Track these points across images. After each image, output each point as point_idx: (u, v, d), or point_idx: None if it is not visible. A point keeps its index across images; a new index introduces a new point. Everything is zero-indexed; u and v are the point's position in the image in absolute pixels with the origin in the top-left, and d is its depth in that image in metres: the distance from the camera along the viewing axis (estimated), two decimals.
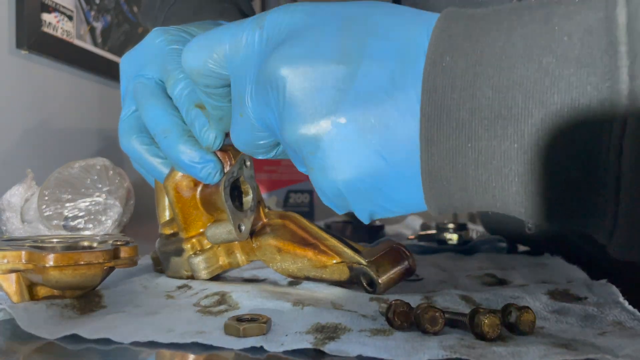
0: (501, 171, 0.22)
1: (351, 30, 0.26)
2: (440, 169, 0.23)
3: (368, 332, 0.27)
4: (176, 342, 0.26)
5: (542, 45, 0.21)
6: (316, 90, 0.25)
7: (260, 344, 0.25)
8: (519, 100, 0.21)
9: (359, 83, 0.25)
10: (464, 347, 0.24)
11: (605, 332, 0.26)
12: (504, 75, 0.22)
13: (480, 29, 0.23)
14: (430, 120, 0.23)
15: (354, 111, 0.25)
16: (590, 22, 0.20)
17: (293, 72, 0.26)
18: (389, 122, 0.24)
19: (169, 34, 0.39)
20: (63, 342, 0.26)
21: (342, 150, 0.25)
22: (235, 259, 0.41)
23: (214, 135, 0.35)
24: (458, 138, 0.23)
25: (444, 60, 0.23)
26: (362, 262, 0.35)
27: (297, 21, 0.27)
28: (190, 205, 0.40)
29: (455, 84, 0.22)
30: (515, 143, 0.21)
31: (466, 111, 0.22)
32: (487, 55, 0.22)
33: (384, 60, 0.24)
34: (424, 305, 0.27)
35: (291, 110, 0.26)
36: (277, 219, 0.40)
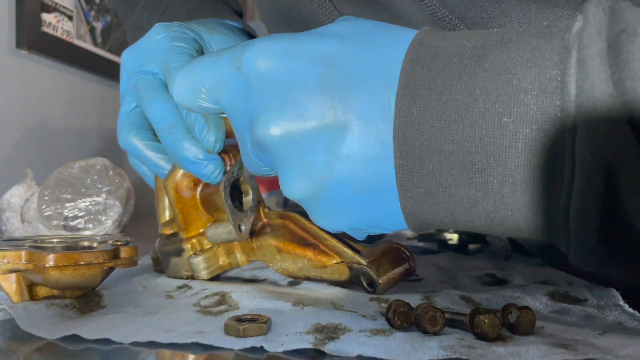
0: (470, 210, 0.24)
1: (333, 82, 0.25)
2: (417, 209, 0.25)
3: (368, 332, 0.27)
4: (176, 342, 0.25)
5: (501, 103, 0.22)
6: (308, 154, 0.26)
7: (260, 344, 0.25)
8: (481, 156, 0.23)
9: (347, 144, 0.25)
10: (464, 347, 0.24)
11: (605, 333, 0.26)
12: (466, 131, 0.23)
13: (444, 78, 0.23)
14: (403, 171, 0.24)
15: (347, 171, 0.25)
16: (544, 80, 0.21)
17: (283, 138, 0.26)
18: (380, 177, 0.25)
19: (171, 30, 0.39)
20: (63, 342, 0.26)
21: (341, 204, 0.27)
22: (235, 259, 0.41)
23: (213, 139, 0.35)
24: (430, 185, 0.24)
25: (412, 113, 0.24)
26: (362, 262, 0.35)
27: (277, 67, 0.26)
28: (190, 205, 0.40)
29: (424, 138, 0.24)
30: (480, 192, 0.23)
31: (435, 162, 0.24)
32: (450, 110, 0.23)
33: (369, 119, 0.25)
34: (424, 305, 0.27)
35: (286, 173, 0.27)
36: (277, 219, 0.40)
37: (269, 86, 0.27)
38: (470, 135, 0.23)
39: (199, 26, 0.41)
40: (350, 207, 0.27)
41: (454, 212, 0.25)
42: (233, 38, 0.43)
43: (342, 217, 0.27)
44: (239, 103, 0.28)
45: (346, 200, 0.26)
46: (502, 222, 0.24)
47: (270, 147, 0.26)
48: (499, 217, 0.24)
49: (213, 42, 0.41)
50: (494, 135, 0.22)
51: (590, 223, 0.21)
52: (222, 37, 0.42)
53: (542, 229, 0.23)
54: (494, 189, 0.23)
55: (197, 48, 0.39)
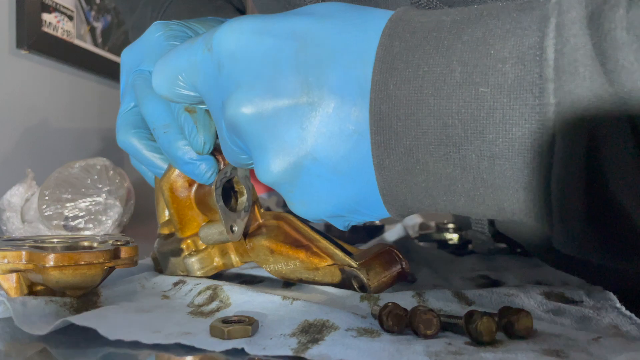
0: (449, 188, 0.23)
1: (308, 57, 0.25)
2: (394, 187, 0.24)
3: (354, 331, 0.26)
4: (160, 342, 0.25)
5: (478, 73, 0.21)
6: (282, 131, 0.25)
7: (242, 346, 0.25)
8: (458, 130, 0.22)
9: (323, 121, 0.24)
10: (451, 353, 0.23)
11: (599, 337, 0.26)
12: (443, 104, 0.22)
13: (422, 51, 0.23)
14: (380, 147, 0.24)
15: (323, 149, 0.25)
16: (523, 49, 0.21)
17: (256, 116, 0.25)
18: (357, 155, 0.24)
19: (168, 28, 0.38)
20: (62, 346, 0.26)
21: (320, 186, 0.26)
22: (230, 260, 0.41)
23: (202, 141, 0.34)
24: (407, 162, 0.23)
25: (388, 87, 0.23)
26: (352, 265, 0.35)
27: (248, 44, 0.26)
28: (185, 205, 0.40)
29: (400, 112, 0.23)
30: (457, 168, 0.23)
31: (412, 138, 0.23)
32: (427, 83, 0.22)
33: (345, 94, 0.24)
34: (420, 308, 0.27)
35: (260, 154, 0.26)
36: (272, 220, 0.40)
37: (239, 64, 0.26)
38: (447, 108, 0.22)
39: (198, 24, 0.41)
40: (328, 189, 0.26)
41: (432, 192, 0.24)
42: None
43: (320, 201, 0.26)
44: (212, 85, 0.28)
45: (323, 180, 0.25)
46: (483, 200, 0.23)
47: (243, 126, 0.26)
48: (479, 195, 0.23)
49: None
50: (471, 107, 0.21)
51: (573, 197, 0.20)
52: None
53: (524, 206, 0.22)
54: (472, 165, 0.22)
55: None
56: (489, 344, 0.24)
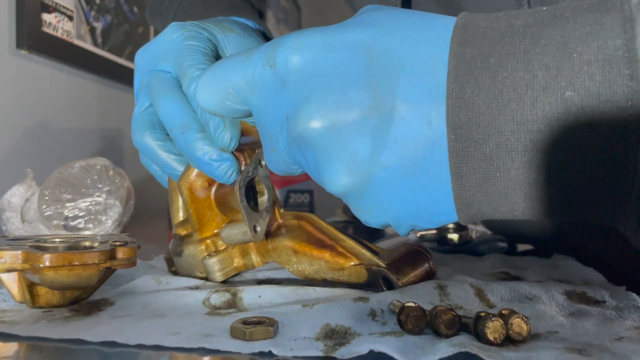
0: (530, 195, 0.23)
1: (377, 68, 0.25)
2: (472, 196, 0.24)
3: (378, 334, 0.26)
4: (182, 346, 0.25)
5: (563, 76, 0.21)
6: (353, 142, 0.25)
7: (269, 348, 0.24)
8: (544, 134, 0.22)
9: (395, 129, 0.24)
10: (476, 347, 0.23)
11: (622, 337, 0.26)
12: (527, 109, 0.22)
13: (498, 56, 0.23)
14: (458, 156, 0.23)
15: (395, 157, 0.25)
16: (608, 51, 0.21)
17: (326, 129, 0.25)
18: (429, 163, 0.24)
19: (185, 29, 0.38)
20: (65, 343, 0.26)
21: (388, 194, 0.26)
22: (250, 261, 0.40)
23: (229, 137, 0.34)
24: (487, 169, 0.23)
25: (465, 94, 0.23)
26: (381, 265, 0.35)
27: (315, 60, 0.26)
28: (204, 205, 0.40)
29: (480, 120, 0.23)
30: (542, 174, 0.22)
31: (492, 145, 0.23)
32: (507, 88, 0.22)
33: (418, 102, 0.24)
34: (440, 308, 0.27)
35: (331, 166, 0.26)
36: (293, 220, 0.40)
37: (308, 79, 0.26)
38: (532, 113, 0.22)
39: (213, 25, 0.41)
40: (397, 197, 0.26)
41: (511, 199, 0.24)
42: (247, 38, 0.42)
43: (389, 209, 0.26)
44: (272, 101, 0.27)
45: (393, 189, 0.25)
46: (568, 205, 0.23)
47: (312, 140, 0.25)
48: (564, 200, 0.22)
49: (227, 42, 0.41)
50: (557, 111, 0.21)
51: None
52: (236, 36, 0.41)
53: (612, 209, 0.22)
54: (558, 171, 0.22)
55: (211, 48, 0.39)
56: (501, 345, 0.24)
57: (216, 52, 0.39)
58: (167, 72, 0.38)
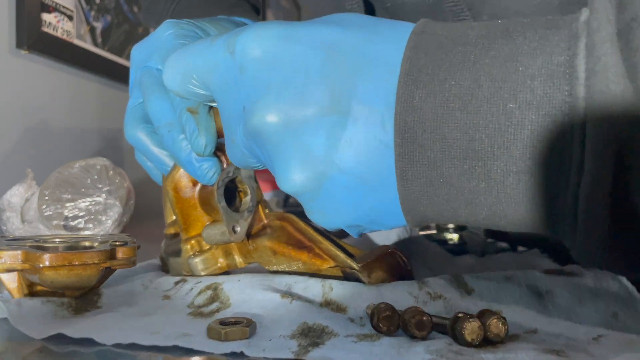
0: (471, 202, 0.24)
1: (336, 66, 0.25)
2: (416, 200, 0.24)
3: (354, 337, 0.26)
4: (157, 344, 0.25)
5: (507, 88, 0.22)
6: (308, 140, 0.25)
7: (241, 349, 0.24)
8: (485, 144, 0.22)
9: (350, 130, 0.24)
10: (452, 352, 0.23)
11: (600, 336, 0.26)
12: (470, 118, 0.22)
13: (449, 64, 0.23)
14: (403, 159, 0.24)
15: (349, 159, 0.25)
16: (551, 66, 0.21)
17: (282, 125, 0.25)
18: (381, 166, 0.24)
19: (179, 27, 0.39)
20: (60, 345, 0.26)
21: (341, 197, 0.26)
22: (233, 261, 0.41)
23: (203, 142, 0.34)
24: (431, 174, 0.23)
25: (414, 98, 0.23)
26: (354, 267, 0.35)
27: (274, 50, 0.25)
28: (189, 205, 0.40)
29: (426, 125, 0.23)
30: (482, 182, 0.23)
31: (437, 151, 0.23)
32: (454, 96, 0.23)
33: (373, 104, 0.24)
34: (411, 309, 0.26)
35: (285, 162, 0.26)
36: (276, 221, 0.40)
37: (265, 70, 0.25)
38: (475, 122, 0.22)
39: (209, 24, 0.41)
40: (350, 199, 0.26)
41: (454, 204, 0.24)
42: None
43: (341, 211, 0.26)
44: (230, 89, 0.27)
45: (346, 191, 0.25)
46: (505, 214, 0.23)
47: (267, 134, 0.25)
48: (502, 209, 0.23)
49: None
50: (498, 122, 0.22)
51: (599, 211, 0.21)
52: None
53: (546, 221, 0.23)
54: (497, 179, 0.22)
55: None
56: (480, 346, 0.24)
57: None
58: (157, 68, 0.38)
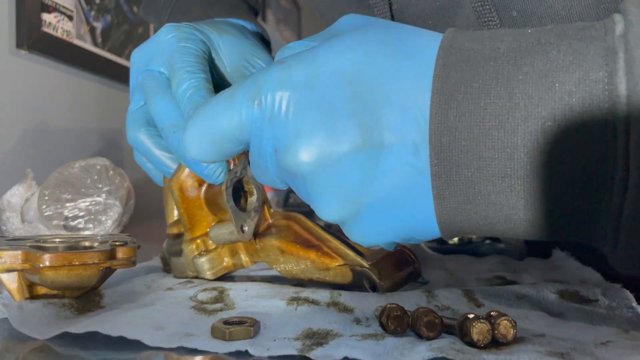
0: (510, 218, 0.24)
1: (363, 101, 0.25)
2: (453, 217, 0.25)
3: (359, 336, 0.26)
4: (162, 346, 0.25)
5: (544, 106, 0.21)
6: (343, 176, 0.25)
7: (246, 347, 0.24)
8: (524, 163, 0.22)
9: (384, 162, 0.25)
10: (454, 350, 0.23)
11: (608, 342, 0.25)
12: (508, 137, 0.22)
13: (482, 82, 0.23)
14: (440, 179, 0.24)
15: (384, 188, 0.25)
16: (589, 83, 0.21)
17: (316, 165, 0.25)
18: (416, 189, 0.25)
19: (180, 30, 0.39)
20: (60, 344, 0.26)
21: (378, 221, 0.26)
22: (240, 260, 0.41)
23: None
24: (468, 193, 0.24)
25: (448, 119, 0.23)
26: (364, 265, 0.35)
27: (300, 95, 0.26)
28: (195, 205, 0.40)
29: (462, 145, 0.23)
30: (522, 199, 0.23)
31: (474, 169, 0.23)
32: (489, 115, 0.22)
33: (404, 132, 0.24)
34: (421, 310, 0.26)
35: (321, 197, 0.26)
36: (282, 220, 0.40)
37: (294, 115, 0.26)
38: (512, 141, 0.22)
39: (209, 27, 0.41)
40: (387, 222, 0.26)
41: (492, 220, 0.24)
42: (242, 40, 0.43)
43: (380, 233, 0.27)
44: (259, 135, 0.27)
45: (383, 216, 0.26)
46: (549, 227, 0.23)
47: (302, 174, 0.26)
48: (544, 223, 0.23)
49: (222, 43, 0.41)
50: (537, 141, 0.21)
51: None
52: (231, 38, 0.42)
53: (587, 233, 0.23)
54: (538, 196, 0.22)
55: (203, 50, 0.39)
56: (485, 348, 0.24)
57: (209, 54, 0.40)
58: (160, 71, 0.39)
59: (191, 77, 0.36)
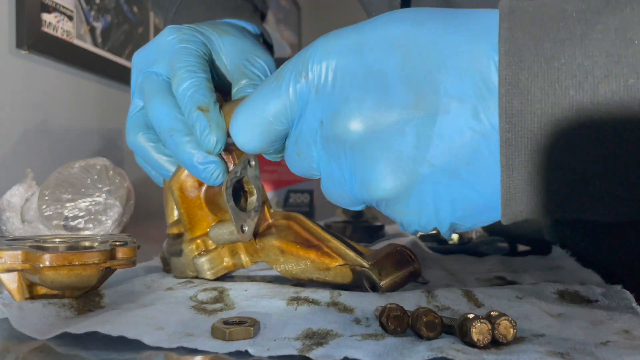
0: (584, 191, 0.22)
1: (415, 64, 0.24)
2: (521, 191, 0.23)
3: (359, 336, 0.26)
4: (162, 346, 0.25)
5: (625, 63, 0.20)
6: (396, 142, 0.24)
7: (246, 347, 0.24)
8: (607, 125, 0.21)
9: (440, 124, 0.23)
10: (454, 349, 0.23)
11: (608, 342, 0.25)
12: (587, 97, 0.21)
13: (552, 40, 0.21)
14: (510, 147, 0.22)
15: (441, 154, 0.24)
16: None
17: (367, 131, 0.24)
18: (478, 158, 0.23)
19: (181, 32, 0.39)
20: (60, 344, 0.26)
21: (434, 193, 0.25)
22: (240, 260, 0.41)
23: (214, 140, 0.34)
24: (541, 162, 0.22)
25: (519, 80, 0.22)
26: (364, 265, 0.35)
27: (347, 63, 0.25)
28: (195, 205, 0.40)
29: (535, 107, 0.21)
30: (599, 166, 0.21)
31: (548, 136, 0.21)
32: (565, 75, 0.21)
33: (463, 95, 0.23)
34: (422, 309, 0.26)
35: (374, 169, 0.25)
36: (282, 220, 0.40)
37: (343, 83, 0.25)
38: (593, 101, 0.20)
39: (209, 28, 0.41)
40: (446, 196, 0.25)
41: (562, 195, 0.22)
42: (243, 40, 0.43)
43: (434, 208, 0.25)
44: (304, 109, 0.27)
45: (440, 187, 0.24)
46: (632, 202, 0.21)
47: (352, 143, 0.25)
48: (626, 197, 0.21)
49: (222, 44, 0.41)
50: (620, 99, 0.20)
51: None
52: (232, 38, 0.42)
53: None
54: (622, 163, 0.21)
55: (204, 51, 0.39)
56: (485, 348, 0.24)
57: (210, 55, 0.40)
58: (160, 74, 0.39)
59: (192, 76, 0.36)
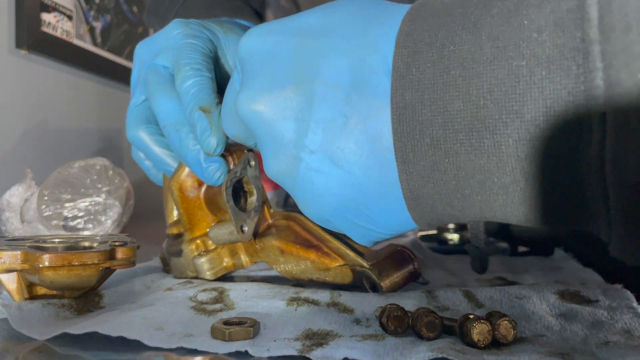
0: (484, 184, 0.21)
1: (304, 49, 0.24)
2: (421, 187, 0.22)
3: (359, 337, 0.26)
4: (162, 346, 0.25)
5: (511, 46, 0.19)
6: (278, 125, 0.24)
7: (246, 348, 0.24)
8: (492, 111, 0.20)
9: (316, 110, 0.23)
10: (454, 350, 0.23)
11: (609, 342, 0.25)
12: (473, 84, 0.20)
13: (447, 29, 0.21)
14: (403, 139, 0.22)
15: (319, 140, 0.24)
16: (560, 13, 0.18)
17: (254, 113, 0.25)
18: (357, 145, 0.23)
19: (188, 27, 0.39)
20: (60, 344, 0.26)
21: (317, 182, 0.24)
22: (239, 260, 0.41)
23: (215, 142, 0.34)
24: (435, 155, 0.21)
25: (411, 72, 0.21)
26: (364, 265, 0.35)
27: (254, 46, 0.26)
28: (195, 205, 0.40)
29: (425, 98, 0.21)
30: (493, 156, 0.20)
31: (439, 126, 0.21)
32: (453, 63, 0.20)
33: (337, 81, 0.23)
34: (422, 310, 0.26)
35: (264, 148, 0.26)
36: (282, 220, 0.40)
37: (245, 65, 0.26)
38: (478, 88, 0.20)
39: (216, 25, 0.41)
40: (327, 185, 0.24)
41: (464, 190, 0.21)
42: None
43: (321, 200, 0.25)
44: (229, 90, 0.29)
45: (322, 177, 0.24)
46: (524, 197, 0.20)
47: (247, 122, 0.26)
48: (520, 190, 0.20)
49: (228, 42, 0.41)
50: (504, 84, 0.19)
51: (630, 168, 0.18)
52: (236, 37, 0.42)
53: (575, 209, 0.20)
54: (510, 151, 0.20)
55: (210, 48, 0.39)
56: (485, 348, 0.24)
57: (215, 53, 0.40)
58: (165, 66, 0.38)
59: (197, 74, 0.36)
